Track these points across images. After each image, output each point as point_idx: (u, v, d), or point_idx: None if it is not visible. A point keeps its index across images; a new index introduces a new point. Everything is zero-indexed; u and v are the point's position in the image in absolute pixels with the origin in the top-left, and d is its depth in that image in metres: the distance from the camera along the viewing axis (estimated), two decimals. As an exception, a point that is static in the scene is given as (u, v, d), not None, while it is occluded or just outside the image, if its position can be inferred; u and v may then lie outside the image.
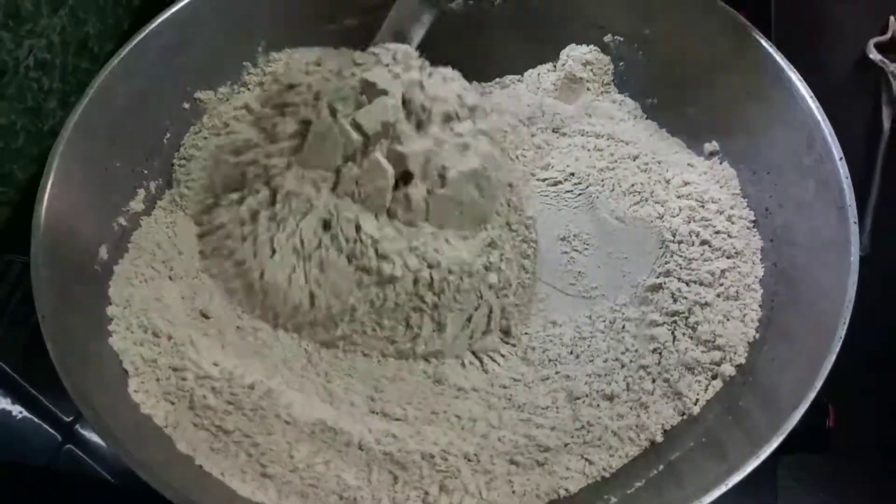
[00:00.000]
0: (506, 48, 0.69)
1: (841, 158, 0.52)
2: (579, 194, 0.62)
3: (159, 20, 0.59)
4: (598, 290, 0.58)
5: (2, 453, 0.57)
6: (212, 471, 0.47)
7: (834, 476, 0.57)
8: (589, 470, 0.50)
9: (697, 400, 0.52)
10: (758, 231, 0.58)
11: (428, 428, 0.51)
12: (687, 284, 0.56)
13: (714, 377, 0.53)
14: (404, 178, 0.53)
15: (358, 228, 0.52)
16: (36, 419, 0.58)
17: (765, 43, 0.57)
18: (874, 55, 0.76)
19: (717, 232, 0.57)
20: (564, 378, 0.54)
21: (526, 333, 0.57)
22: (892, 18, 0.78)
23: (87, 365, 0.48)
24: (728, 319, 0.54)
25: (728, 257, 0.56)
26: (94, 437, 0.56)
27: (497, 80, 0.70)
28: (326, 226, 0.53)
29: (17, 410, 0.59)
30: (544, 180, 0.63)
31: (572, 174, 0.63)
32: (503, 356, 0.56)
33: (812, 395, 0.44)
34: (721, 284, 0.55)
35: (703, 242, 0.57)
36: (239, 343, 0.54)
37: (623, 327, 0.56)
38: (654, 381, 0.53)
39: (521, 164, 0.64)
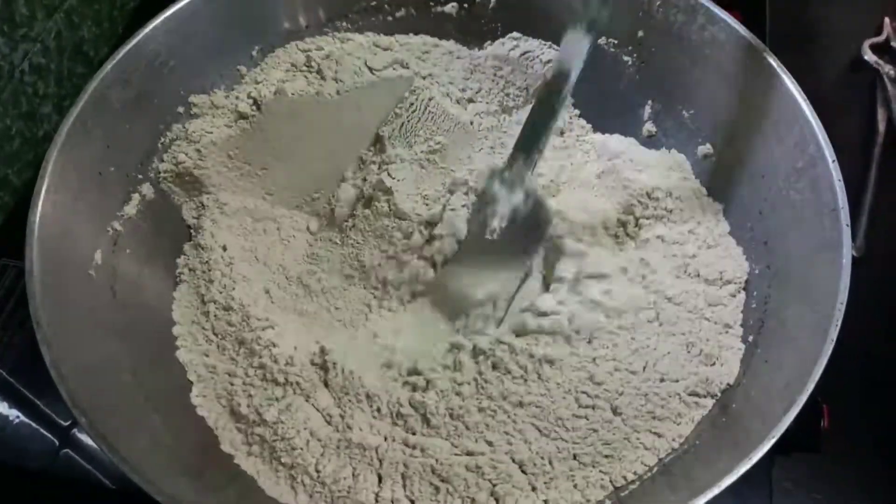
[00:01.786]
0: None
1: (834, 161, 0.51)
2: None
3: (153, 24, 0.59)
4: None
5: (-1, 457, 0.57)
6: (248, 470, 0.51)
7: (828, 476, 0.57)
8: (659, 444, 0.50)
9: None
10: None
11: (469, 441, 0.51)
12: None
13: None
14: None
15: None
16: (33, 423, 0.58)
17: (758, 45, 0.57)
18: (869, 56, 0.76)
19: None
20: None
21: None
22: (886, 20, 0.78)
23: (83, 370, 0.48)
24: None
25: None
26: (90, 442, 0.55)
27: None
28: None
29: (15, 415, 0.59)
30: None
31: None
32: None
33: (804, 398, 0.44)
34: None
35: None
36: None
37: None
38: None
39: None
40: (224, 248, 0.59)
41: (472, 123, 0.67)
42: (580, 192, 0.63)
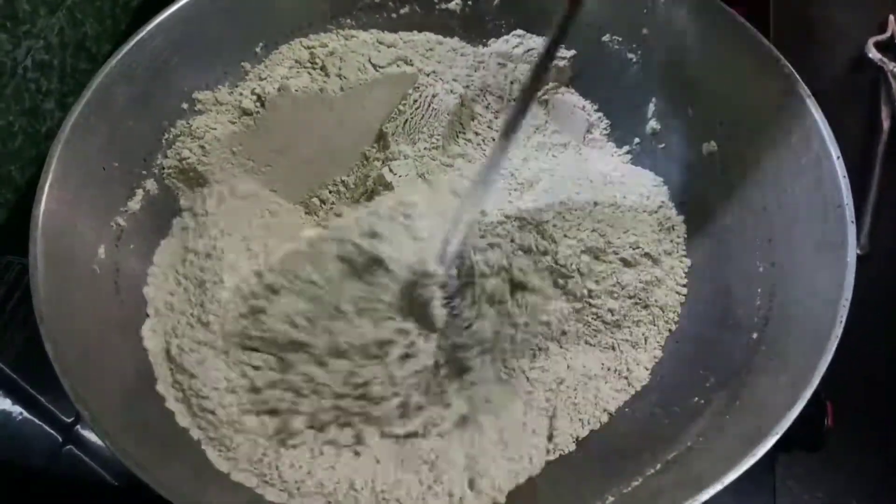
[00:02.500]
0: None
1: (838, 157, 0.51)
2: None
3: (157, 21, 0.59)
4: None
5: (2, 454, 0.57)
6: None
7: (832, 474, 0.57)
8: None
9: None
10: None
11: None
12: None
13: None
14: None
15: None
16: (36, 420, 0.58)
17: (763, 42, 0.57)
18: (873, 54, 0.76)
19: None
20: None
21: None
22: (891, 17, 0.78)
23: (86, 365, 0.48)
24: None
25: None
26: (94, 438, 0.56)
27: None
28: None
29: (18, 411, 0.59)
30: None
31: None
32: None
33: (808, 395, 0.44)
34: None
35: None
36: None
37: None
38: None
39: None
40: (222, 231, 0.59)
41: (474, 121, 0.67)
42: (564, 181, 0.63)
